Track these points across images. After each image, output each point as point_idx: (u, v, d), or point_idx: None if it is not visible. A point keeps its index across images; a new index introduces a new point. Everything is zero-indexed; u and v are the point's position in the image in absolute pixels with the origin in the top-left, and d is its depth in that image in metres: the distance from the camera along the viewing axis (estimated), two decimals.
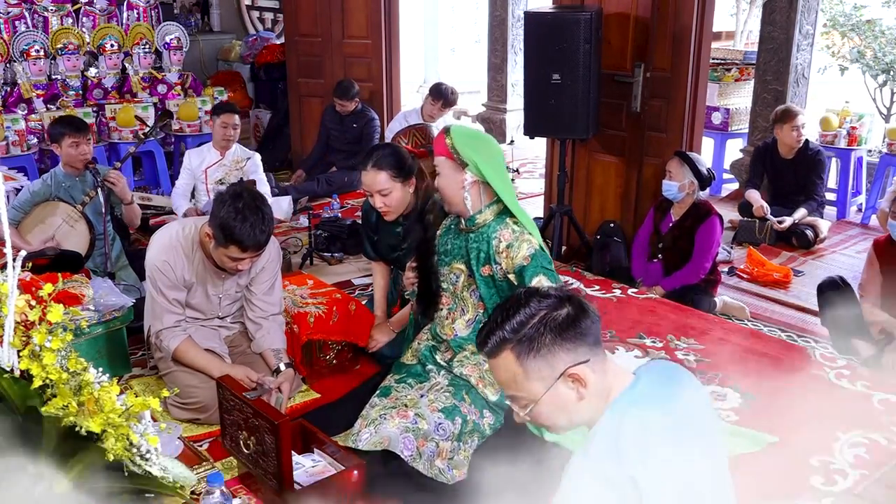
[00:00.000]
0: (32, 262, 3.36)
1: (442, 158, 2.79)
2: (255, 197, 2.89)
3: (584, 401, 1.55)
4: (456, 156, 2.74)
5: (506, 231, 2.75)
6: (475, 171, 2.74)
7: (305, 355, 3.46)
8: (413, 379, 2.92)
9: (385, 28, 6.62)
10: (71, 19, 6.37)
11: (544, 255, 2.72)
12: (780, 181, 5.52)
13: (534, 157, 7.41)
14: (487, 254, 2.78)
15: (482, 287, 2.82)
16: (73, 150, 4.11)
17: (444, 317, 2.95)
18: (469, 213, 2.80)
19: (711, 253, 4.26)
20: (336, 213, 5.35)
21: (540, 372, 1.53)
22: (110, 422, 1.39)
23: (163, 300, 3.06)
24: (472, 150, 2.74)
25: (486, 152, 2.78)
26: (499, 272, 2.77)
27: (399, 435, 2.61)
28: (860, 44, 7.70)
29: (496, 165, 2.79)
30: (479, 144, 2.80)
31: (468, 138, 2.79)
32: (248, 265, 3.00)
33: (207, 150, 5.11)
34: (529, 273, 2.67)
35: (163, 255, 3.03)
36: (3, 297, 1.46)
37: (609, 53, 4.73)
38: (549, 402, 1.55)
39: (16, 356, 1.43)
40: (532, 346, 1.52)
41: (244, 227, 2.81)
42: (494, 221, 2.79)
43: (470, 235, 2.83)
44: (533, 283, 2.65)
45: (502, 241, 2.74)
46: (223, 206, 2.83)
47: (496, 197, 2.79)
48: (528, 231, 2.76)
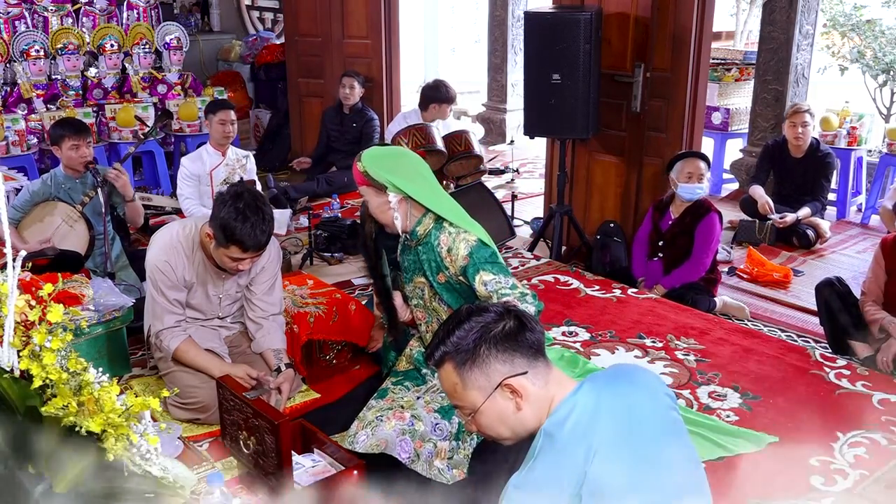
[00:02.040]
0: (32, 262, 3.37)
1: (363, 187, 2.83)
2: (255, 197, 2.89)
3: (523, 411, 1.61)
4: (371, 181, 2.77)
5: (443, 235, 2.76)
6: (395, 189, 2.75)
7: (305, 355, 3.46)
8: (410, 381, 2.92)
9: (385, 28, 6.63)
10: (71, 19, 6.37)
11: (484, 248, 2.70)
12: (788, 180, 5.51)
13: (534, 157, 7.41)
14: (437, 262, 2.79)
15: (444, 294, 2.83)
16: (73, 153, 4.10)
17: (425, 330, 2.97)
18: (407, 230, 2.83)
19: (712, 249, 4.26)
20: (336, 213, 5.36)
21: (477, 382, 1.61)
22: (110, 422, 1.39)
23: (163, 300, 3.06)
24: (384, 170, 2.76)
25: (399, 169, 2.79)
26: (452, 277, 2.78)
27: (396, 437, 2.61)
28: (860, 44, 7.71)
29: (414, 177, 2.80)
30: (390, 162, 2.81)
31: (378, 160, 2.80)
32: (249, 265, 3.00)
33: (206, 153, 4.95)
34: (471, 272, 2.67)
35: (163, 255, 3.03)
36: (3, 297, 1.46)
37: (609, 53, 4.73)
38: (489, 411, 1.63)
39: (16, 356, 1.43)
40: (468, 358, 1.61)
41: (245, 228, 2.81)
42: (434, 228, 2.80)
43: (419, 248, 2.85)
44: (476, 282, 2.64)
45: (443, 245, 2.75)
46: (224, 207, 2.83)
47: (426, 208, 2.79)
48: (464, 228, 2.75)
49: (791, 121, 5.35)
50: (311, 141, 6.76)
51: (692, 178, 4.21)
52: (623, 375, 1.67)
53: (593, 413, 1.53)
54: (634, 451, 1.51)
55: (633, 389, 1.61)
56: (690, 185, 4.21)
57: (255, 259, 2.98)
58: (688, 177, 4.21)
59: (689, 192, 4.22)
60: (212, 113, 4.97)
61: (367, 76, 6.64)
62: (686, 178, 4.21)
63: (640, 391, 1.61)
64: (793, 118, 5.34)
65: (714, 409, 3.25)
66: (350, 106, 6.36)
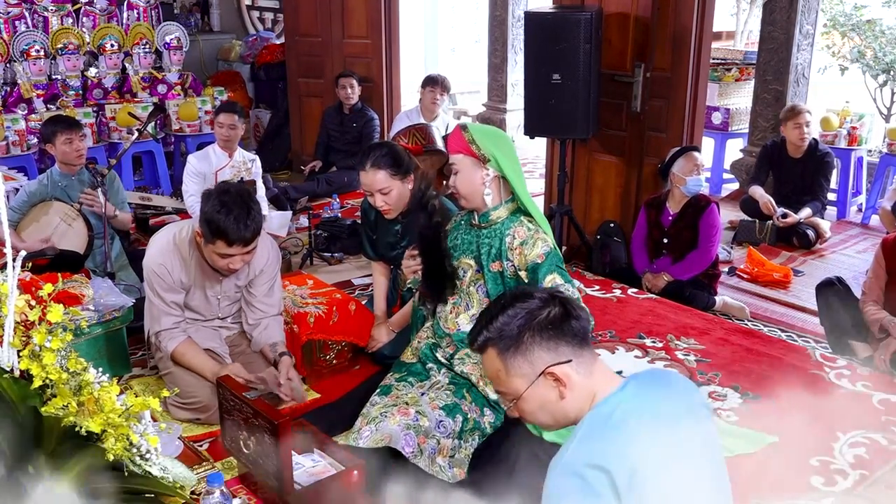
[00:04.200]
0: (32, 262, 3.36)
1: (460, 156, 2.79)
2: (241, 193, 2.89)
3: (565, 400, 1.58)
4: (477, 151, 2.75)
5: (521, 228, 2.77)
6: (496, 166, 2.75)
7: (305, 355, 3.46)
8: (414, 377, 2.92)
9: (385, 28, 6.62)
10: (71, 19, 6.37)
11: (558, 254, 2.74)
12: (787, 180, 5.51)
13: (534, 157, 7.41)
14: (499, 250, 2.79)
15: (490, 283, 2.83)
16: (68, 147, 4.09)
17: (448, 311, 2.95)
18: (486, 209, 2.82)
19: (717, 238, 4.34)
20: (336, 213, 5.35)
21: (521, 369, 1.58)
22: (110, 422, 1.39)
23: (160, 302, 3.06)
24: (493, 144, 2.76)
25: (505, 148, 2.80)
26: (509, 269, 2.78)
27: (400, 432, 2.61)
28: (860, 44, 7.71)
29: (515, 161, 2.82)
30: (499, 140, 2.83)
31: (488, 133, 2.81)
32: (241, 264, 2.97)
33: (213, 152, 4.95)
34: (544, 271, 2.69)
35: (159, 258, 3.03)
36: (3, 297, 1.46)
37: (609, 53, 4.73)
38: (531, 399, 1.60)
39: (16, 356, 1.44)
40: (512, 344, 1.58)
41: (228, 220, 2.79)
42: (508, 219, 2.81)
43: (482, 231, 2.85)
44: (546, 280, 2.67)
45: (516, 237, 2.76)
46: (209, 201, 2.84)
47: (512, 194, 2.81)
48: (544, 230, 2.78)
49: (794, 122, 5.34)
50: (311, 141, 6.76)
51: (697, 170, 4.29)
52: (666, 383, 1.64)
53: (638, 415, 1.51)
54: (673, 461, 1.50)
55: (676, 398, 1.60)
56: (697, 177, 4.28)
57: (245, 257, 2.95)
58: (693, 170, 4.27)
59: (697, 185, 4.30)
60: (217, 115, 4.99)
61: (367, 76, 6.64)
62: (692, 171, 4.27)
63: (682, 402, 1.60)
64: (796, 119, 5.33)
65: (714, 409, 3.25)
66: (350, 106, 6.36)
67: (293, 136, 7.20)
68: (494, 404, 2.82)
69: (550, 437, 2.78)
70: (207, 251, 2.94)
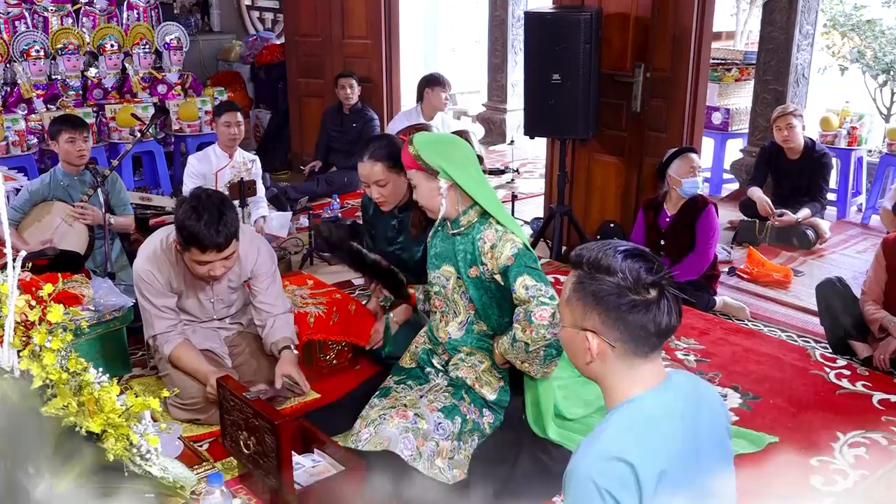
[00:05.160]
0: (32, 263, 3.36)
1: (412, 171, 2.80)
2: (213, 198, 2.84)
3: (590, 366, 1.58)
4: (424, 165, 2.74)
5: (489, 231, 2.74)
6: (446, 176, 2.73)
7: (305, 355, 3.46)
8: (413, 380, 2.92)
9: (385, 28, 6.62)
10: (71, 19, 6.37)
11: (528, 253, 2.70)
12: (785, 181, 5.50)
13: (534, 157, 7.41)
14: (473, 255, 2.77)
15: (471, 289, 2.81)
16: (70, 147, 4.11)
17: (438, 320, 2.96)
18: (455, 216, 2.80)
19: (714, 240, 4.32)
20: (336, 213, 5.35)
21: (574, 307, 1.57)
22: (110, 422, 1.39)
23: (150, 307, 3.06)
24: (439, 155, 2.73)
25: (453, 156, 2.76)
26: (486, 273, 2.76)
27: (399, 435, 2.61)
28: (860, 44, 7.71)
29: (466, 166, 2.77)
30: (445, 148, 2.79)
31: (432, 145, 2.77)
32: (222, 271, 2.92)
33: (213, 153, 4.93)
34: (513, 273, 2.65)
35: (146, 265, 3.02)
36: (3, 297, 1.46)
37: (609, 53, 4.73)
38: (566, 335, 1.62)
39: (16, 356, 1.44)
40: (582, 286, 1.55)
41: (199, 226, 2.76)
42: (478, 222, 2.78)
43: (456, 238, 2.82)
44: (517, 283, 2.63)
45: (486, 241, 2.73)
46: (180, 207, 2.82)
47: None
48: (511, 230, 2.73)
49: (776, 125, 5.35)
50: (311, 141, 6.76)
51: (693, 172, 4.27)
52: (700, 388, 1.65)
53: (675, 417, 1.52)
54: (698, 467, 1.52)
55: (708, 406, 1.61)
56: (693, 179, 4.26)
57: (226, 263, 2.91)
58: (689, 171, 4.26)
59: (693, 186, 4.28)
60: (217, 115, 4.97)
61: (367, 76, 6.64)
62: (688, 173, 4.26)
63: (711, 410, 1.61)
64: (777, 122, 5.35)
65: None
66: (350, 106, 6.36)
67: (293, 136, 7.20)
68: (493, 405, 2.82)
69: (554, 436, 2.79)
70: (186, 259, 2.91)
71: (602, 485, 1.41)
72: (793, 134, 5.32)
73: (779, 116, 5.35)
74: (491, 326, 2.86)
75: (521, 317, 2.59)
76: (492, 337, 2.87)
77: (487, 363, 2.85)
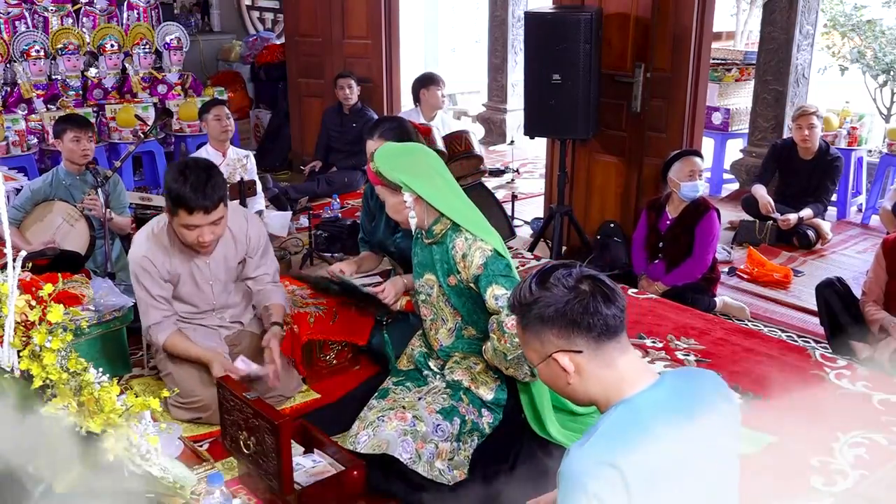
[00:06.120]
0: (32, 262, 3.36)
1: (378, 187, 2.81)
2: (200, 163, 2.94)
3: (571, 386, 1.62)
4: (385, 181, 2.74)
5: (459, 240, 2.70)
6: (409, 190, 2.72)
7: (305, 355, 3.45)
8: (411, 382, 2.92)
9: (385, 28, 6.63)
10: (71, 19, 6.38)
11: (499, 259, 2.63)
12: (794, 181, 5.49)
13: (534, 157, 7.41)
14: (449, 265, 2.74)
15: (453, 297, 2.79)
16: (74, 146, 4.14)
17: (429, 327, 2.95)
18: (424, 228, 2.79)
19: (713, 247, 4.29)
20: (336, 213, 5.35)
21: (532, 345, 1.65)
22: (110, 422, 1.39)
23: (146, 296, 3.08)
24: (398, 170, 2.73)
25: (413, 167, 2.75)
26: (462, 282, 2.73)
27: (398, 438, 2.60)
28: (860, 44, 7.71)
29: (430, 176, 2.76)
30: (404, 161, 2.77)
31: (391, 159, 2.76)
32: (211, 237, 2.96)
33: (206, 152, 4.92)
34: (483, 283, 2.61)
35: (142, 250, 3.06)
36: (3, 297, 1.46)
37: (609, 53, 4.73)
38: (543, 373, 1.68)
39: (16, 356, 1.44)
40: (527, 322, 1.64)
41: (186, 188, 2.81)
42: (451, 230, 2.74)
43: (433, 248, 2.80)
44: (487, 293, 2.59)
45: (458, 250, 2.69)
46: (168, 174, 2.90)
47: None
48: (481, 237, 2.68)
49: (797, 123, 5.33)
50: (311, 141, 6.76)
51: (694, 175, 4.24)
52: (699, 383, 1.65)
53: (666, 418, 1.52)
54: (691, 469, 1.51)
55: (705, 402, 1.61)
56: (692, 182, 4.23)
57: (214, 229, 2.95)
58: (690, 175, 4.24)
59: (692, 190, 4.24)
60: (206, 112, 4.98)
61: (367, 76, 6.64)
62: (687, 176, 4.23)
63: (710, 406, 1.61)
64: (799, 121, 5.33)
65: None
66: (350, 106, 6.36)
67: (293, 136, 7.20)
68: (491, 404, 2.82)
69: (557, 434, 2.79)
70: (176, 226, 2.96)
71: (590, 488, 1.43)
72: (812, 134, 5.31)
73: (801, 115, 5.33)
74: (480, 330, 2.84)
75: (495, 327, 2.57)
76: (482, 340, 2.86)
77: (482, 364, 2.84)
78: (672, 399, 1.55)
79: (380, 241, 3.53)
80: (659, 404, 1.53)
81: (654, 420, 1.51)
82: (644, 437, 1.48)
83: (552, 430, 2.78)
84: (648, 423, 1.50)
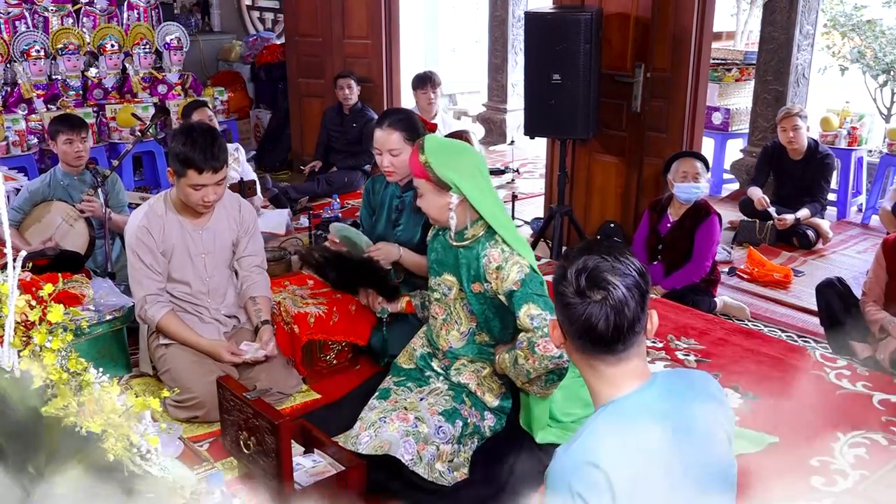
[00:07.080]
0: (32, 262, 3.37)
1: (421, 181, 2.67)
2: (203, 128, 3.08)
3: (568, 353, 1.64)
4: (435, 179, 2.63)
5: (495, 251, 2.62)
6: (458, 191, 2.62)
7: (305, 355, 3.45)
8: (412, 382, 2.91)
9: (385, 28, 6.62)
10: (71, 19, 6.37)
11: (535, 277, 2.58)
12: (787, 182, 5.50)
13: (534, 157, 7.41)
14: (477, 272, 2.67)
15: (474, 303, 2.75)
16: (68, 148, 4.15)
17: (439, 327, 2.91)
18: (460, 228, 2.72)
19: (712, 252, 4.25)
20: (336, 214, 5.35)
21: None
22: (110, 422, 1.39)
23: (142, 266, 3.14)
24: (451, 169, 2.61)
25: (465, 168, 2.65)
26: (489, 291, 2.68)
27: (399, 439, 2.60)
28: (860, 44, 7.71)
29: (478, 179, 2.66)
30: (457, 160, 2.66)
31: (444, 156, 2.64)
32: (214, 196, 3.08)
33: None
34: (518, 300, 2.54)
35: (138, 222, 3.14)
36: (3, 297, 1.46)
37: (609, 53, 4.73)
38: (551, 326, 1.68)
39: (16, 356, 1.43)
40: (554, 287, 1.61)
41: (195, 151, 2.96)
42: (484, 237, 2.66)
43: (460, 251, 2.73)
44: (521, 310, 2.53)
45: (492, 261, 2.61)
46: (174, 139, 3.03)
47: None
48: (518, 252, 2.61)
49: (782, 125, 5.35)
50: (311, 141, 6.76)
51: (687, 177, 4.20)
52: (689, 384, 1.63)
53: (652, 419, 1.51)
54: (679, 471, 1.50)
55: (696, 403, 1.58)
56: (686, 184, 4.20)
57: (217, 189, 3.07)
58: (683, 176, 4.20)
59: (685, 192, 4.21)
60: (186, 116, 5.11)
61: (367, 76, 6.64)
62: (681, 177, 4.21)
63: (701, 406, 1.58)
64: (783, 123, 5.35)
65: None
66: (350, 106, 6.36)
67: (293, 136, 7.20)
68: (495, 410, 2.81)
69: (540, 440, 2.78)
70: (181, 188, 3.06)
71: (574, 488, 1.43)
72: (797, 135, 5.31)
73: (784, 117, 5.34)
74: (493, 337, 2.83)
75: (525, 345, 2.52)
76: (494, 346, 2.85)
77: (489, 369, 2.83)
78: (660, 400, 1.54)
79: (380, 236, 3.52)
80: (646, 405, 1.52)
81: (640, 421, 1.50)
82: (628, 439, 1.48)
83: (538, 437, 2.77)
84: (634, 425, 1.50)
